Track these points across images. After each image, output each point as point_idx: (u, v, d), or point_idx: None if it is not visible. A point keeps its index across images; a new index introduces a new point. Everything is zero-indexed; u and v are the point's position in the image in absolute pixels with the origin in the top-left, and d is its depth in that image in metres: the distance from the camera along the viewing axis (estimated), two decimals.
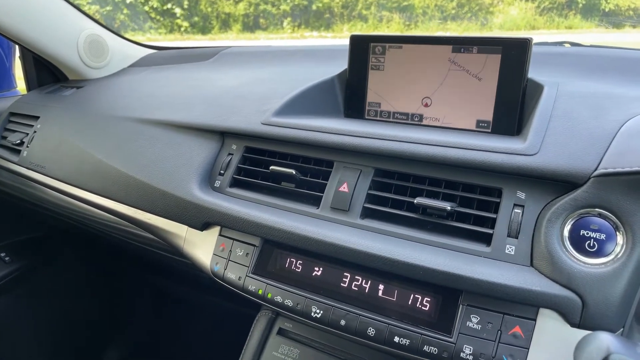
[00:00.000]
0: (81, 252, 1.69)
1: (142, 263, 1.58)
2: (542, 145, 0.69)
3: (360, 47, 0.98)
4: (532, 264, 0.65)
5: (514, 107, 0.85)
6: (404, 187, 0.78)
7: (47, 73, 1.48)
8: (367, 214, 0.78)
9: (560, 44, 1.29)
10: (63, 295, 1.70)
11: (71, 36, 1.37)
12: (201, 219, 0.88)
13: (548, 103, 0.78)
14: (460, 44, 0.89)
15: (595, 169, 0.63)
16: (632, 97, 0.79)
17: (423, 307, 0.70)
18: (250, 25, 12.66)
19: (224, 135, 0.96)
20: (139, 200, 0.96)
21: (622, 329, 0.61)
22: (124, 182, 0.99)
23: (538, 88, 0.84)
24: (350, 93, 1.01)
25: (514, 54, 0.84)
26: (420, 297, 0.70)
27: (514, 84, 0.85)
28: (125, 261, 1.70)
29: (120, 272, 1.78)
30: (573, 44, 1.27)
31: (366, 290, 0.74)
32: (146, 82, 1.30)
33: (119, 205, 1.01)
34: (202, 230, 0.90)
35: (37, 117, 1.30)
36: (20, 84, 1.88)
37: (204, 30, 12.20)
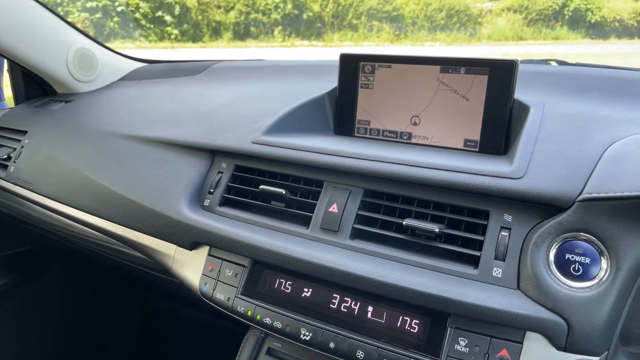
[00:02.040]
0: (69, 268, 1.67)
1: (130, 279, 1.57)
2: (528, 168, 0.70)
3: (350, 66, 0.99)
4: (519, 287, 0.65)
5: (500, 128, 0.86)
6: (393, 208, 0.78)
7: (35, 86, 1.47)
8: (356, 234, 0.79)
9: (547, 62, 1.31)
10: (51, 311, 1.68)
11: (60, 50, 1.37)
12: (190, 239, 0.87)
13: (534, 125, 0.80)
14: (448, 64, 0.91)
15: (580, 194, 0.64)
16: (616, 119, 0.80)
17: (412, 330, 0.70)
18: (241, 33, 12.73)
19: (214, 153, 0.96)
20: (127, 218, 0.96)
21: (606, 352, 0.62)
22: (112, 200, 0.98)
23: (524, 109, 0.85)
24: (340, 111, 1.02)
25: (500, 75, 0.85)
26: (409, 320, 0.70)
27: (500, 104, 0.86)
28: (114, 277, 1.68)
29: (109, 288, 1.76)
30: (559, 62, 1.29)
31: (355, 312, 0.74)
32: (136, 97, 1.30)
33: (107, 223, 1.00)
34: (191, 250, 0.90)
35: (25, 132, 1.29)
36: (8, 92, 1.86)
37: (195, 38, 12.24)
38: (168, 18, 11.75)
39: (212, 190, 0.92)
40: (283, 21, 12.76)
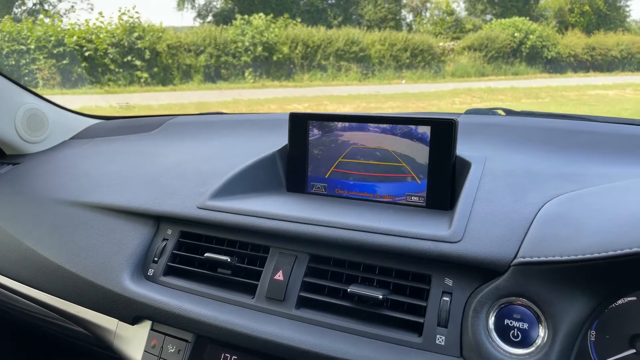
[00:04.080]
0: (13, 341, 1.55)
1: (79, 354, 1.47)
2: (466, 231, 0.70)
3: (299, 124, 1.00)
4: (462, 355, 0.65)
5: (445, 183, 0.88)
6: (339, 274, 0.77)
7: None
8: (302, 303, 0.77)
9: (494, 111, 1.36)
10: None
11: (8, 112, 1.34)
12: (132, 313, 0.84)
13: (473, 183, 0.81)
14: (392, 122, 0.93)
15: (514, 258, 0.64)
16: (551, 174, 0.82)
17: None
18: (212, 75, 12.87)
19: (159, 219, 0.94)
20: (67, 291, 0.91)
21: None
22: (52, 272, 0.94)
23: (466, 165, 0.87)
24: (291, 168, 1.02)
25: (441, 132, 0.88)
26: None
27: (443, 161, 0.88)
28: (62, 352, 1.57)
29: None
30: (506, 111, 1.34)
31: None
32: (84, 158, 1.27)
33: (47, 296, 0.95)
34: (133, 325, 0.86)
35: None
36: None
37: (165, 81, 12.28)
38: (138, 62, 11.79)
39: (156, 258, 0.89)
40: (253, 63, 13.01)
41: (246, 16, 13.39)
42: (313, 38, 13.32)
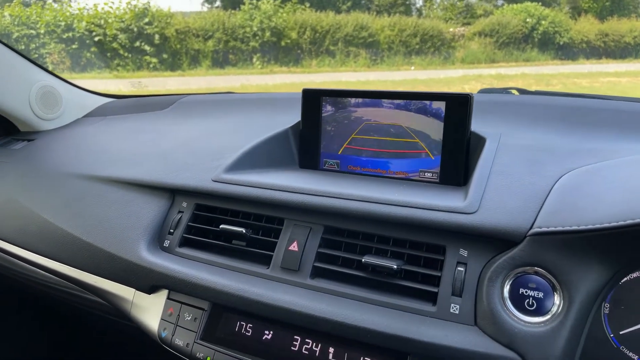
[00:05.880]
0: (26, 312, 1.59)
1: (91, 328, 1.50)
2: (481, 203, 0.70)
3: (312, 101, 1.00)
4: (476, 323, 0.65)
5: (459, 159, 0.88)
6: (353, 245, 0.78)
7: None
8: (317, 273, 0.78)
9: (508, 90, 1.35)
10: (11, 351, 1.59)
11: (23, 89, 1.35)
12: (149, 282, 0.85)
13: (488, 157, 0.81)
14: (406, 98, 0.92)
15: (530, 228, 0.64)
16: (568, 150, 0.82)
17: None
18: (220, 61, 12.83)
19: (174, 192, 0.95)
20: (85, 262, 0.93)
21: None
22: (69, 243, 0.96)
23: (481, 141, 0.87)
24: (303, 144, 1.02)
25: (456, 108, 0.87)
26: None
27: (458, 136, 0.88)
28: (78, 324, 1.60)
29: (73, 335, 1.68)
30: (520, 91, 1.33)
31: (317, 354, 0.72)
32: (99, 135, 1.29)
33: (65, 267, 0.97)
34: (150, 294, 0.87)
35: None
36: None
37: (173, 66, 12.27)
38: (147, 47, 11.78)
39: (172, 230, 0.90)
40: (261, 48, 12.94)
41: (254, 1, 13.27)
42: (321, 23, 13.19)
